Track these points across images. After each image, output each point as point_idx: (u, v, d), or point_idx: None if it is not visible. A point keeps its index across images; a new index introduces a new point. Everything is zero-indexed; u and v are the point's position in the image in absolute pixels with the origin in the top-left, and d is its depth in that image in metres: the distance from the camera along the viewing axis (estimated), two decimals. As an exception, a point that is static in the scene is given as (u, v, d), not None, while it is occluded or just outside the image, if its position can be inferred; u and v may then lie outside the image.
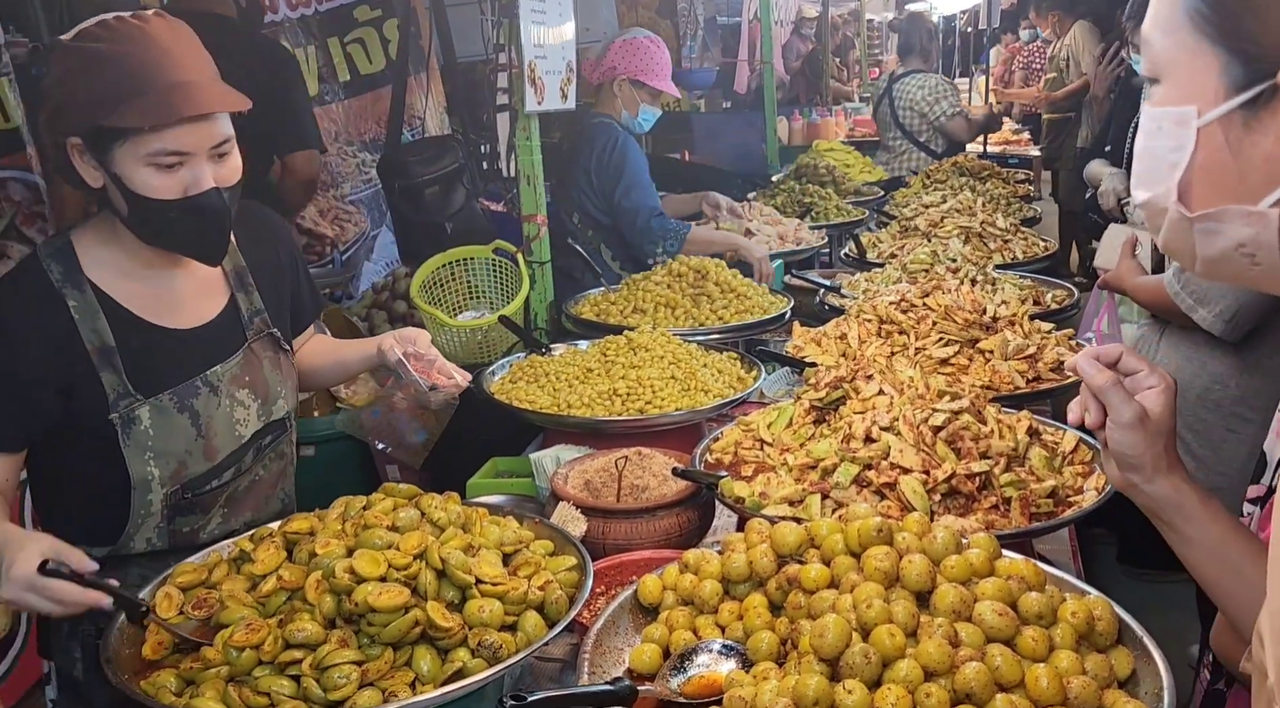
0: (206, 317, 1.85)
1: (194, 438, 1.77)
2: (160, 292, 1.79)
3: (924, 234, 3.84)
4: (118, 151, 1.61)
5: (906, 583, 1.30)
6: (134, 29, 1.61)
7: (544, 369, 2.64)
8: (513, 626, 1.48)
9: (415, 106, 5.87)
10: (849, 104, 9.46)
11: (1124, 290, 2.67)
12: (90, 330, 1.70)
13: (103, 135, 1.60)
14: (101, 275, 1.74)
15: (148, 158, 1.60)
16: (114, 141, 1.60)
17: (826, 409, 2.08)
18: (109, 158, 1.62)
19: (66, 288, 1.70)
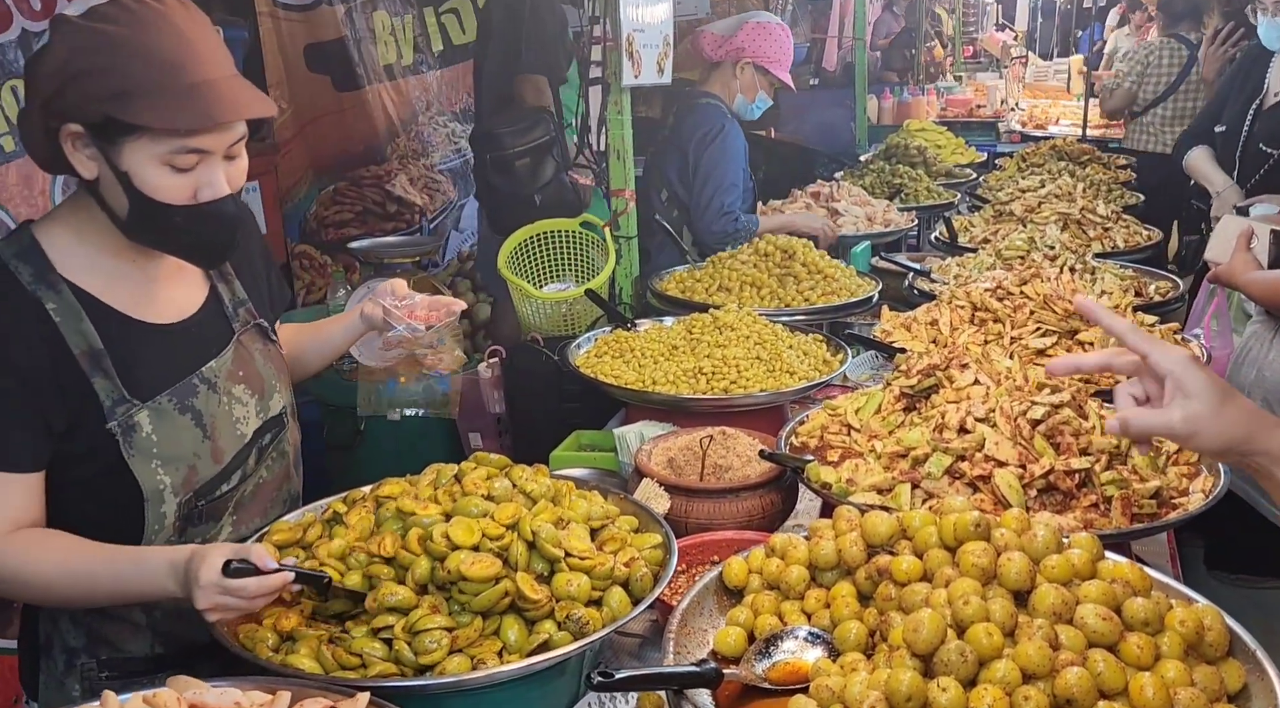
0: (189, 309, 1.67)
1: (200, 440, 1.61)
2: (139, 284, 1.61)
3: (1019, 219, 3.73)
4: (128, 146, 1.45)
5: (1005, 581, 1.27)
6: (152, 12, 1.44)
7: (629, 345, 2.64)
8: (598, 600, 1.48)
9: (505, 77, 5.90)
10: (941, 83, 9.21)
11: (1237, 286, 2.56)
12: (75, 333, 1.51)
13: (113, 128, 1.43)
14: (76, 272, 1.54)
15: (164, 157, 1.45)
16: (125, 136, 1.44)
17: (917, 397, 2.04)
18: (116, 152, 1.45)
19: (41, 289, 1.50)
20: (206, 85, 1.44)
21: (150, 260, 1.61)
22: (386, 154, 5.38)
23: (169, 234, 1.53)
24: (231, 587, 1.35)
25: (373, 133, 5.29)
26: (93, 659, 1.64)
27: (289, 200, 4.90)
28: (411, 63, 5.49)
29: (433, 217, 5.63)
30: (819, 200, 4.23)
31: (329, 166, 5.15)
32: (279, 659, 1.34)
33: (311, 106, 4.96)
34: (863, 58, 6.71)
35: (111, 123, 1.42)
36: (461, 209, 5.76)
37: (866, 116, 6.82)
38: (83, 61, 1.41)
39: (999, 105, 8.11)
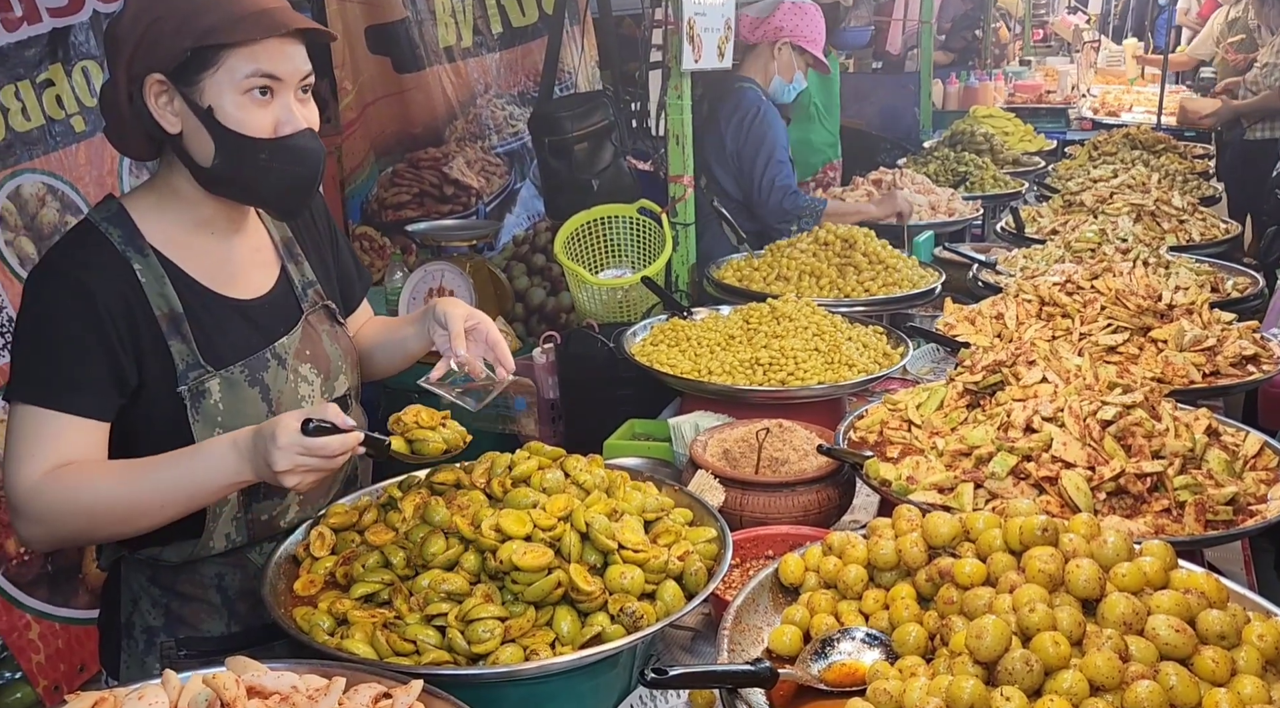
0: (263, 288, 1.70)
1: (265, 414, 1.61)
2: (220, 261, 1.65)
3: (1090, 210, 3.62)
4: (208, 81, 1.47)
5: (1072, 589, 1.23)
6: None
7: (685, 333, 2.61)
8: (651, 594, 1.47)
9: (566, 60, 5.88)
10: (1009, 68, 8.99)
11: None
12: (158, 296, 1.55)
13: (192, 64, 1.46)
14: (162, 241, 1.59)
15: (243, 83, 1.47)
16: (205, 69, 1.47)
17: (982, 394, 1.99)
18: (198, 90, 1.48)
19: (130, 252, 1.55)
20: (272, 9, 1.50)
21: (228, 236, 1.66)
22: (445, 136, 5.40)
23: (255, 174, 1.53)
24: (313, 446, 1.36)
25: (431, 115, 5.31)
26: (172, 639, 1.67)
27: (351, 182, 4.95)
28: (471, 45, 5.50)
29: (489, 199, 5.65)
30: (880, 187, 4.15)
31: (389, 148, 5.18)
32: (334, 644, 1.34)
33: (372, 88, 5.00)
34: (928, 41, 6.57)
35: (191, 59, 1.46)
36: (518, 192, 5.77)
37: (931, 102, 6.68)
38: (160, 7, 1.46)
39: (1070, 91, 7.88)
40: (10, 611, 2.72)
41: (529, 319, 4.63)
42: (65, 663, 2.83)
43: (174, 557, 1.64)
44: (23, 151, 3.03)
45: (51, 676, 2.79)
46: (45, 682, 2.77)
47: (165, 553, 1.64)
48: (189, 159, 1.53)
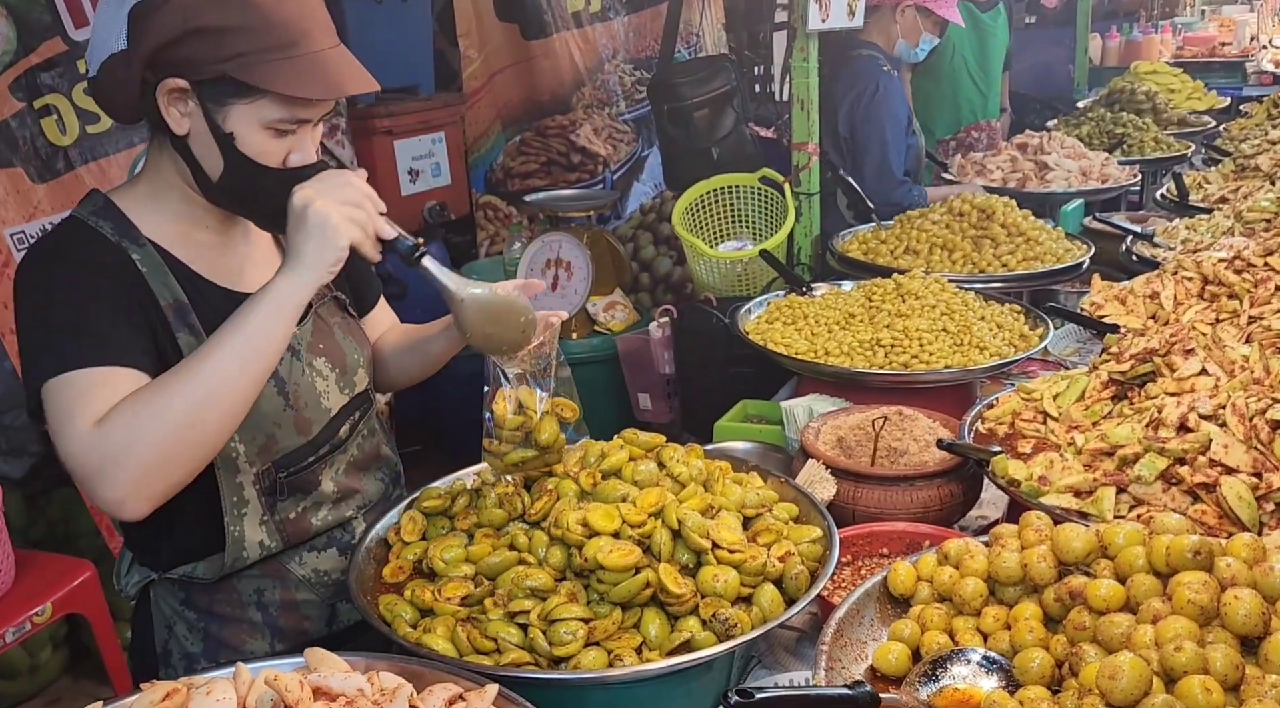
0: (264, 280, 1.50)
1: (281, 408, 1.54)
2: (219, 254, 1.57)
3: (1267, 176, 3.26)
4: (236, 108, 1.40)
5: (1229, 624, 1.06)
6: None
7: (803, 311, 2.48)
8: (748, 598, 1.37)
9: (693, 22, 5.74)
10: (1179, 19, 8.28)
11: None
12: (161, 285, 1.46)
13: (227, 88, 1.38)
14: (157, 234, 1.50)
15: (273, 123, 1.42)
16: (238, 98, 1.39)
17: (1129, 385, 1.79)
18: (223, 114, 1.40)
19: (125, 242, 1.46)
20: (323, 56, 1.41)
21: (225, 231, 1.58)
22: (572, 103, 5.36)
23: (255, 196, 1.47)
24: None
25: (559, 82, 5.28)
26: (213, 664, 1.57)
27: (475, 151, 4.96)
28: (599, 9, 5.42)
29: (616, 167, 5.59)
30: (1026, 152, 3.87)
31: (516, 117, 5.17)
32: (414, 638, 1.30)
33: (500, 56, 4.99)
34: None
35: (228, 82, 1.37)
36: (645, 160, 5.68)
37: (1087, 58, 6.21)
38: (209, 17, 1.35)
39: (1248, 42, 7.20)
40: (145, 569, 2.84)
41: (655, 289, 4.56)
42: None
43: (207, 573, 1.55)
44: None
45: (183, 632, 2.91)
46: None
47: (198, 570, 1.55)
48: (193, 162, 1.45)
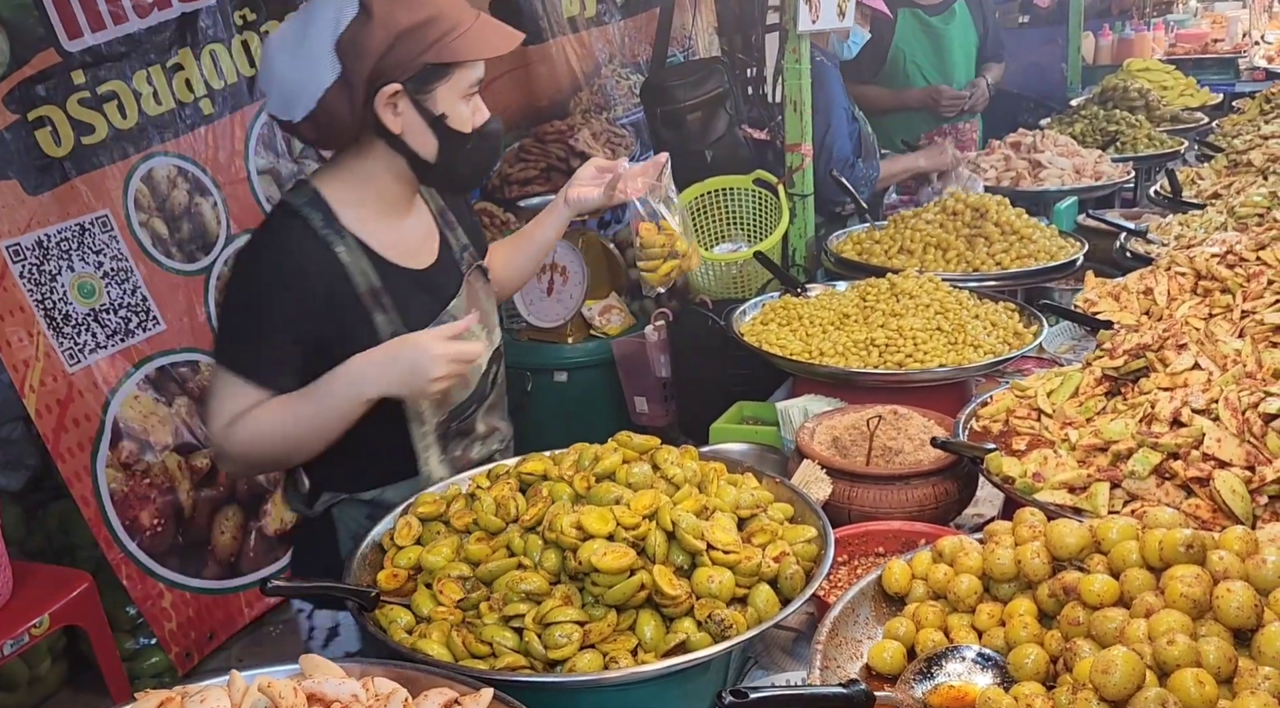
0: (431, 257, 1.87)
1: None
2: (398, 236, 1.82)
3: (1259, 171, 3.26)
4: (441, 89, 1.67)
5: (1222, 617, 1.06)
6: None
7: (797, 312, 2.48)
8: (743, 598, 1.37)
9: (686, 25, 5.74)
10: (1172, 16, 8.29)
11: None
12: (359, 274, 1.72)
13: (431, 75, 1.65)
14: (352, 223, 1.75)
15: (466, 90, 1.70)
16: (440, 80, 1.66)
17: (1123, 381, 1.79)
18: (431, 98, 1.67)
19: (329, 234, 1.72)
20: (482, 21, 1.69)
21: (404, 216, 1.84)
22: (570, 108, 5.37)
23: (463, 162, 1.76)
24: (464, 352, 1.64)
25: (556, 87, 5.28)
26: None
27: (471, 158, 4.97)
28: (595, 14, 5.43)
29: (615, 172, 5.59)
30: (1019, 151, 3.87)
31: (514, 122, 5.18)
32: (410, 643, 1.30)
33: (497, 62, 4.99)
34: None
35: (429, 70, 1.64)
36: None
37: (1080, 56, 6.21)
38: (404, 19, 1.61)
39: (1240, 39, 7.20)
40: (145, 580, 2.85)
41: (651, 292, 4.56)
42: (195, 631, 2.96)
43: (395, 497, 1.76)
44: (155, 135, 3.14)
45: (183, 643, 2.92)
46: (177, 648, 2.90)
47: (386, 493, 1.81)
48: (410, 153, 1.73)
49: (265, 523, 3.22)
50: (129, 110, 3.04)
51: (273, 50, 1.69)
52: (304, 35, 1.64)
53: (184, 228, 3.17)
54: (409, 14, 1.61)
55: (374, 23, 1.59)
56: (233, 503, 3.12)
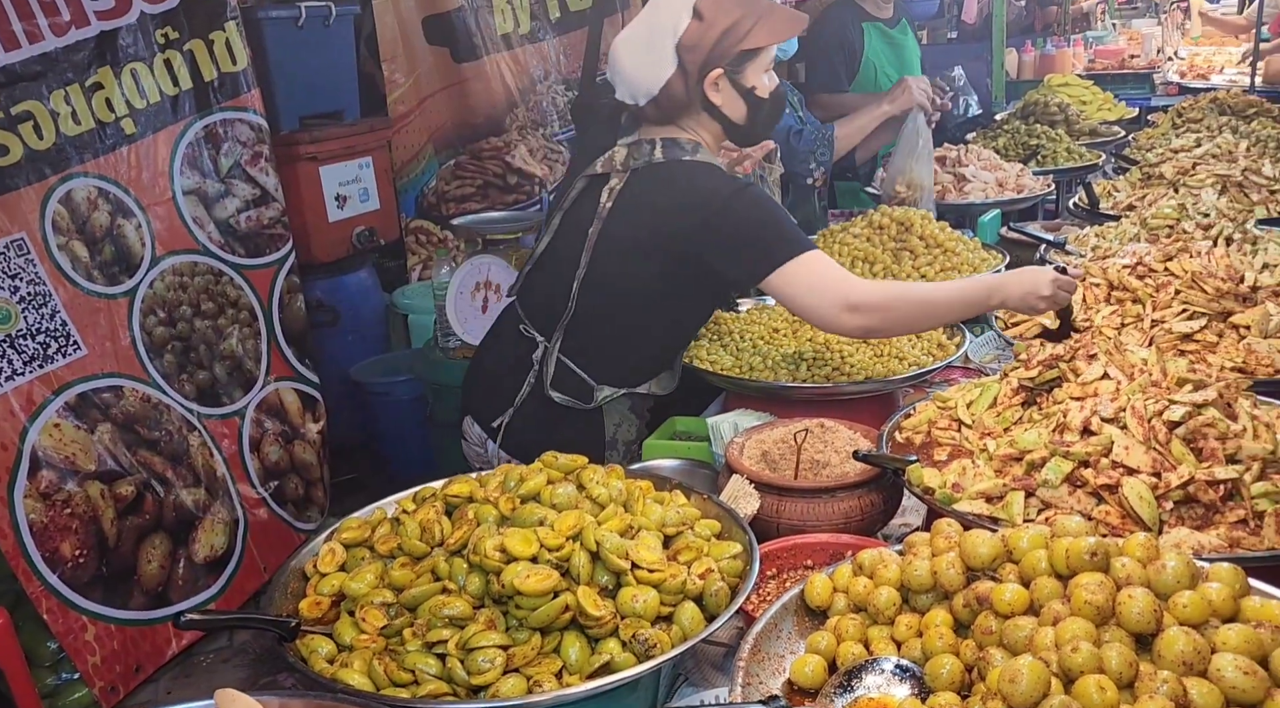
0: None
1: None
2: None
3: (1170, 183, 3.37)
4: (750, 67, 2.18)
5: (1124, 623, 1.09)
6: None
7: (728, 327, 2.51)
8: (668, 617, 1.38)
9: (621, 44, 5.78)
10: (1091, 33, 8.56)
11: None
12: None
13: (745, 58, 2.17)
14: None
15: (765, 66, 2.21)
16: (750, 61, 2.18)
17: (1038, 391, 1.84)
18: (743, 75, 2.18)
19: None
20: (776, 7, 2.21)
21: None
22: (506, 125, 5.36)
23: (763, 120, 2.27)
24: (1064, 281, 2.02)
25: (491, 104, 5.27)
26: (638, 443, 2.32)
27: (404, 175, 4.94)
28: (529, 31, 5.44)
29: (553, 187, 5.59)
30: (945, 165, 3.95)
31: (449, 140, 5.16)
32: (330, 673, 1.29)
33: (430, 79, 4.97)
34: (1001, 10, 6.27)
35: (742, 54, 2.15)
36: (579, 180, 5.68)
37: (1004, 71, 6.38)
38: (725, 19, 2.12)
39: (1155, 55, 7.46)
40: (66, 613, 2.76)
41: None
42: (121, 664, 2.87)
43: (658, 389, 2.38)
44: (74, 155, 3.06)
45: (108, 677, 2.83)
46: (102, 683, 2.81)
47: (652, 386, 2.36)
48: (725, 119, 2.23)
49: (195, 550, 3.15)
50: (45, 131, 2.96)
51: (619, 53, 2.20)
52: (648, 39, 2.16)
53: (106, 250, 3.10)
54: (727, 15, 2.12)
55: (704, 25, 2.11)
56: (159, 531, 3.04)
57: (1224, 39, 8.50)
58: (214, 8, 3.39)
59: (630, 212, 2.17)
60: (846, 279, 2.07)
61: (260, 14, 3.93)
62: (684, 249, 2.13)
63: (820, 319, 2.09)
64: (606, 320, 2.26)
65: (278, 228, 3.58)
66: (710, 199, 2.10)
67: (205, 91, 3.40)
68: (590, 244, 2.20)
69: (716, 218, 2.08)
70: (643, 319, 2.27)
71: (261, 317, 3.53)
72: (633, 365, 2.32)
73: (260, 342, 3.52)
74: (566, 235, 2.28)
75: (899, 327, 2.14)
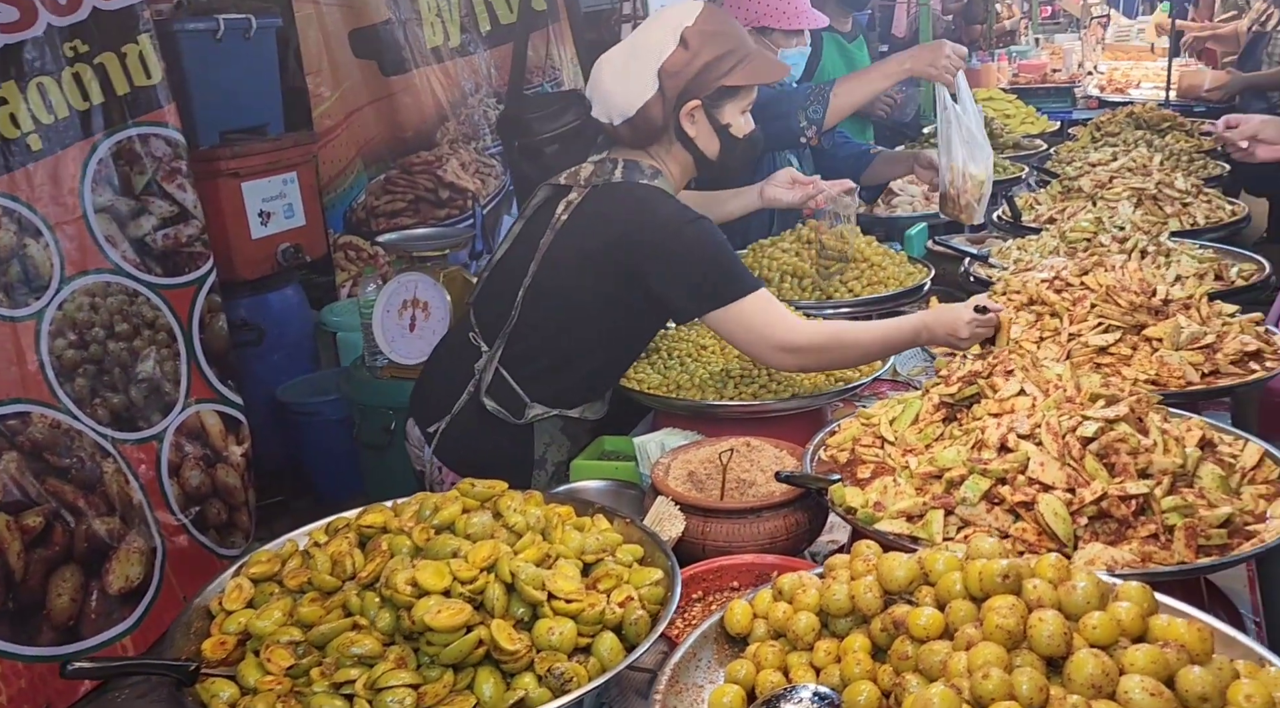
0: None
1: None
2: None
3: (1089, 196, 3.45)
4: (728, 105, 2.23)
5: (1035, 646, 1.09)
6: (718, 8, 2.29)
7: (656, 344, 2.49)
8: (587, 648, 1.35)
9: (552, 56, 5.75)
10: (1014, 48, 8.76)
11: None
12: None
13: (724, 94, 2.21)
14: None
15: (744, 105, 2.26)
16: (730, 99, 2.23)
17: (959, 407, 1.85)
18: (721, 112, 2.23)
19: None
20: (757, 51, 2.25)
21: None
22: (436, 139, 5.30)
23: (736, 160, 2.31)
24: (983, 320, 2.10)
25: (422, 118, 5.21)
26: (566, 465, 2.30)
27: (332, 190, 4.85)
28: (459, 44, 5.39)
29: (486, 201, 5.54)
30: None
31: (378, 154, 5.08)
32: (230, 718, 1.23)
33: (358, 93, 4.89)
34: (927, 24, 6.38)
35: (722, 90, 2.20)
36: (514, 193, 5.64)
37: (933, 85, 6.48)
38: (710, 52, 2.16)
39: (1075, 69, 7.66)
40: (-31, 651, 2.64)
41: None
42: (29, 703, 2.75)
43: (590, 415, 2.37)
44: (-23, 173, 2.95)
45: (15, 717, 2.71)
46: (8, 723, 2.69)
47: (585, 411, 2.36)
48: (697, 152, 2.26)
49: (108, 581, 3.03)
50: (-55, 148, 2.84)
51: (601, 71, 2.25)
52: (632, 60, 2.20)
53: (12, 271, 2.98)
54: (712, 49, 2.16)
55: (689, 54, 2.15)
56: (70, 563, 2.93)
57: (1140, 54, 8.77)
58: (126, 20, 3.29)
59: (582, 226, 2.19)
60: (785, 319, 2.12)
61: (176, 26, 3.83)
62: (630, 269, 2.15)
63: (757, 357, 2.18)
64: (545, 334, 2.26)
65: (197, 246, 3.49)
66: (665, 224, 2.12)
67: (118, 106, 3.30)
68: (540, 254, 2.22)
69: (668, 243, 2.11)
70: (580, 338, 2.27)
71: (181, 337, 3.43)
72: (565, 386, 2.32)
73: (180, 363, 3.42)
74: (522, 244, 2.31)
75: (832, 365, 2.25)
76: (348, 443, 3.78)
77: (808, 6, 3.35)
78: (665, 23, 2.22)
